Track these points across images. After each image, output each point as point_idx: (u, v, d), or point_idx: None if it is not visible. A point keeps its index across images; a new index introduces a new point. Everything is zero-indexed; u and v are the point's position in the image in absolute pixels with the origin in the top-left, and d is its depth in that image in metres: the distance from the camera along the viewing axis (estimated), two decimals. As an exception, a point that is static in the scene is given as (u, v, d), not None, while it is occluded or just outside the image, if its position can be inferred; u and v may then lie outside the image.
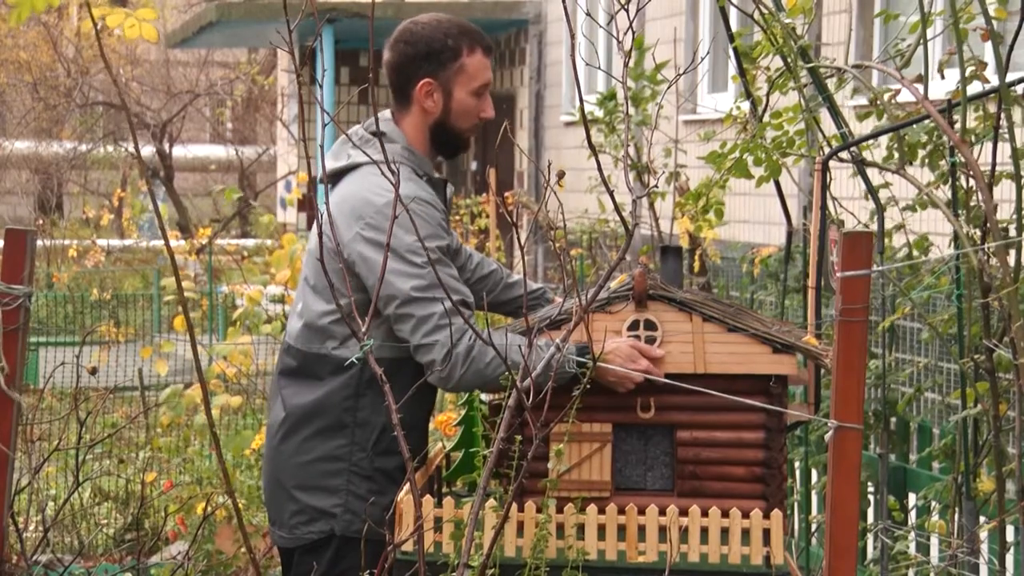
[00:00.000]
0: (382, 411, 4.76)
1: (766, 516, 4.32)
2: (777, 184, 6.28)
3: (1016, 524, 5.24)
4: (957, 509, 5.65)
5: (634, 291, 4.54)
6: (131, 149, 22.54)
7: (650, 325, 4.53)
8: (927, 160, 5.51)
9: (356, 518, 4.84)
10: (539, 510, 4.30)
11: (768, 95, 6.25)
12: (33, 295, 3.75)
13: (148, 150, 29.14)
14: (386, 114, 5.07)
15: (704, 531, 4.32)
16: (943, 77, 5.49)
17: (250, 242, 23.27)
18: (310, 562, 4.90)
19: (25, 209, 36.44)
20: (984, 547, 5.52)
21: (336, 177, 4.93)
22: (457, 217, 14.19)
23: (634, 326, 4.56)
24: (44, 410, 10.97)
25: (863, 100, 6.09)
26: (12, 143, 36.72)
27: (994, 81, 5.24)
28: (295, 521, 4.97)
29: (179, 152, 31.63)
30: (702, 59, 14.87)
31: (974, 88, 5.26)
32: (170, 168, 29.75)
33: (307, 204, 19.89)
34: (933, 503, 6.57)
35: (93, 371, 11.44)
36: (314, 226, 5.09)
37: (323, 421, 4.91)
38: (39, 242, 21.57)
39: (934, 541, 6.68)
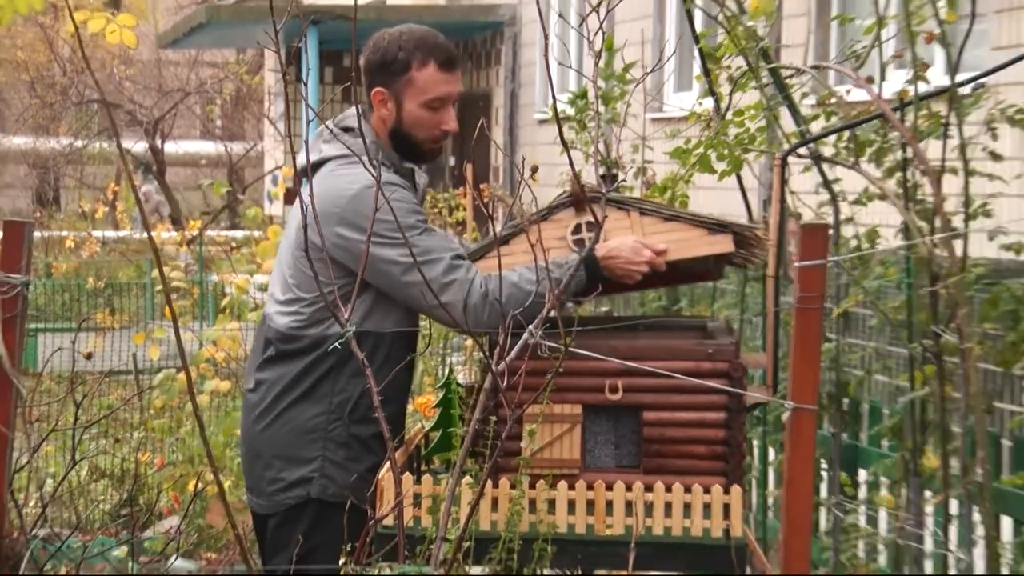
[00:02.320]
0: (358, 382, 4.80)
1: (726, 491, 4.35)
2: (739, 178, 6.31)
3: (960, 498, 5.28)
4: (904, 484, 5.69)
5: (572, 196, 4.69)
6: (124, 146, 22.50)
7: (592, 225, 4.64)
8: (875, 156, 5.54)
9: (331, 483, 4.89)
10: (513, 486, 4.32)
11: (731, 94, 6.28)
12: (31, 284, 3.76)
13: (141, 146, 29.13)
14: (351, 112, 5.07)
15: (668, 506, 4.35)
16: (884, 79, 5.51)
17: (238, 233, 23.24)
18: (288, 531, 4.93)
19: (24, 202, 36.36)
20: (929, 520, 5.56)
21: (312, 170, 4.95)
22: (435, 210, 14.19)
23: (577, 229, 4.72)
24: (43, 392, 10.96)
25: (815, 102, 6.11)
26: (11, 139, 36.68)
27: (937, 81, 5.28)
28: (273, 488, 4.99)
29: (171, 148, 31.57)
30: (668, 59, 14.90)
31: (921, 88, 5.29)
32: (162, 163, 29.73)
33: (291, 197, 19.97)
34: (882, 479, 6.62)
35: (89, 356, 11.44)
36: (291, 218, 5.15)
37: (301, 393, 4.94)
38: (37, 233, 21.57)
39: (883, 514, 6.72)
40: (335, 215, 4.71)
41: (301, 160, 4.89)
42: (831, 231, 4.95)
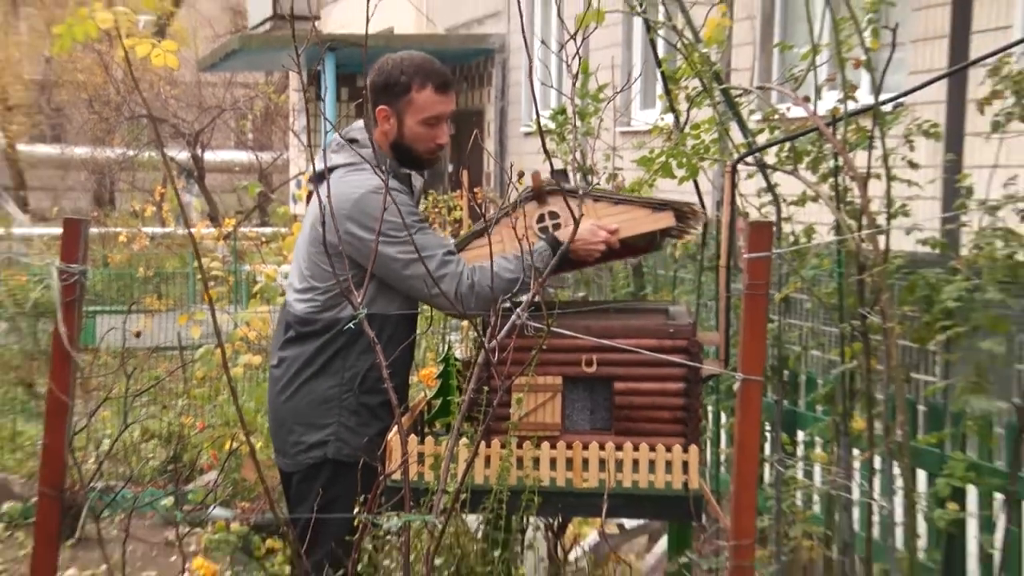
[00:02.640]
0: (367, 358, 4.86)
1: (685, 450, 4.34)
2: (695, 183, 6.29)
3: (882, 455, 5.27)
4: (836, 444, 5.67)
5: (534, 191, 4.75)
6: (169, 155, 22.41)
7: (553, 215, 4.76)
8: (811, 164, 5.54)
9: (345, 445, 4.91)
10: (503, 446, 4.31)
11: (688, 111, 6.26)
12: (87, 272, 3.74)
13: (184, 155, 29.07)
14: (359, 124, 5.14)
15: (635, 463, 4.34)
16: (819, 98, 5.50)
17: (268, 230, 23.20)
18: (309, 486, 4.96)
19: (84, 203, 36.35)
20: (856, 473, 5.55)
21: (322, 176, 4.95)
22: (436, 210, 14.16)
23: (541, 219, 4.77)
24: (99, 366, 10.89)
25: (760, 117, 6.10)
26: (72, 149, 36.67)
27: (864, 100, 5.27)
28: (295, 450, 5.01)
29: (209, 156, 31.50)
30: (634, 81, 14.89)
31: (849, 106, 5.29)
32: (202, 169, 29.66)
33: (311, 198, 19.90)
34: (816, 439, 6.62)
35: (138, 334, 11.45)
36: (307, 217, 5.16)
37: (317, 368, 4.95)
38: (95, 230, 21.59)
39: (817, 469, 6.72)
40: (343, 215, 4.70)
41: (306, 167, 4.92)
42: (774, 228, 4.94)
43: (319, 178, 4.97)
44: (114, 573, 3.93)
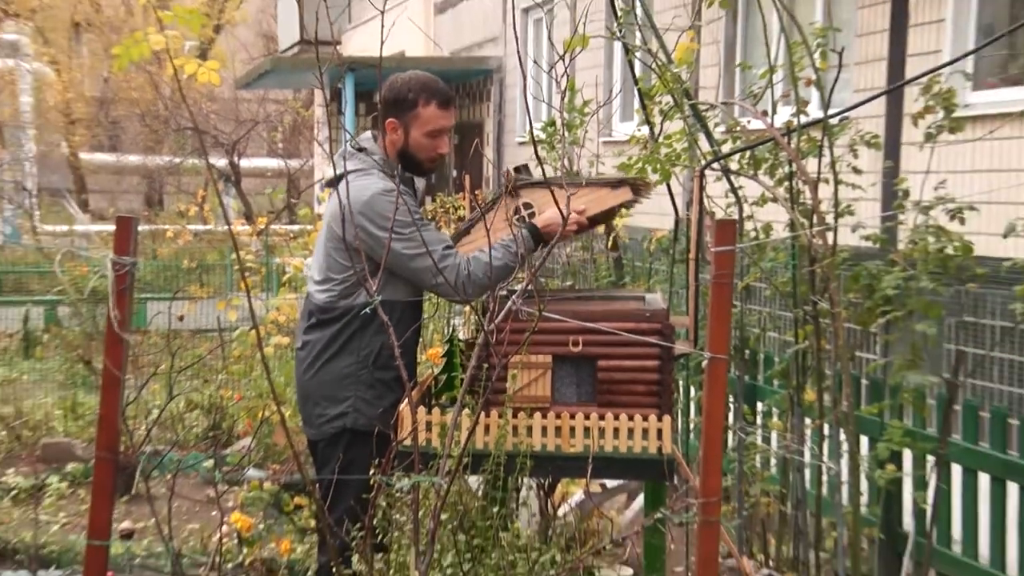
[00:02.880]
0: (379, 338, 4.86)
1: (659, 419, 4.34)
2: (668, 186, 6.29)
3: (830, 423, 5.27)
4: (790, 413, 5.67)
5: (507, 187, 4.85)
6: (209, 162, 22.42)
7: (528, 206, 4.84)
8: (769, 170, 5.54)
9: (361, 416, 4.90)
10: (500, 416, 4.30)
11: (662, 123, 6.26)
12: (138, 264, 3.73)
13: (223, 162, 29.05)
14: (366, 135, 5.16)
15: (616, 430, 4.34)
16: (775, 112, 5.51)
17: (295, 227, 23.22)
18: (331, 452, 4.96)
19: (136, 204, 36.38)
20: (808, 439, 5.55)
21: (336, 181, 4.97)
22: (442, 209, 14.18)
23: (517, 211, 4.84)
24: (149, 345, 10.93)
25: (724, 129, 6.11)
26: (127, 157, 36.67)
27: (814, 115, 5.27)
28: (320, 421, 5.01)
29: (245, 163, 31.40)
30: (615, 97, 14.87)
31: (802, 119, 5.29)
32: (238, 175, 29.58)
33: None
34: (773, 409, 6.61)
35: (181, 318, 11.43)
36: (324, 217, 5.17)
37: (336, 349, 4.95)
38: (146, 227, 21.56)
39: (774, 435, 6.72)
40: (356, 214, 4.71)
41: (327, 172, 4.94)
42: (737, 226, 4.93)
43: (333, 183, 5.00)
44: (162, 525, 3.91)
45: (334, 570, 3.76)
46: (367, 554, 3.55)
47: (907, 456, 6.13)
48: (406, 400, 4.24)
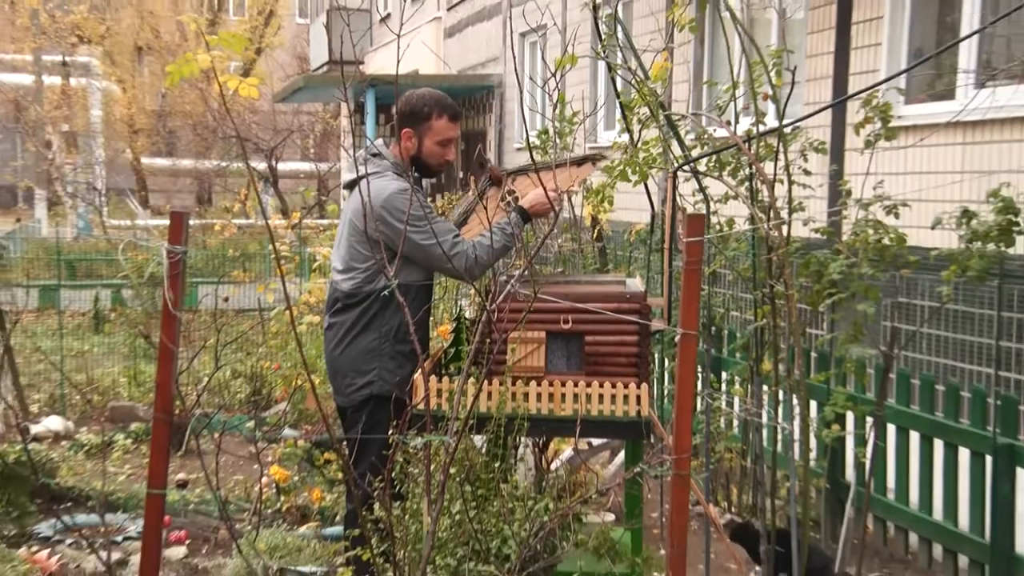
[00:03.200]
0: (397, 316, 4.83)
1: (638, 387, 4.31)
2: (646, 186, 6.26)
3: (784, 390, 5.24)
4: (750, 382, 5.65)
5: (492, 178, 5.00)
6: (250, 165, 22.39)
7: (511, 192, 4.96)
8: (732, 171, 5.51)
9: (385, 383, 4.87)
10: (501, 384, 4.28)
11: (640, 131, 6.23)
12: (189, 252, 3.70)
13: (262, 165, 29.03)
14: (379, 142, 5.15)
15: (600, 396, 4.31)
16: (737, 122, 5.48)
17: (324, 221, 23.24)
18: (357, 416, 4.94)
19: (189, 201, 36.38)
20: (765, 403, 5.53)
21: (354, 183, 4.99)
22: (451, 206, 14.12)
23: (503, 197, 4.95)
24: (199, 323, 10.91)
25: (694, 136, 6.07)
26: (181, 161, 36.71)
27: (771, 124, 5.23)
28: (349, 390, 4.97)
29: (281, 166, 31.39)
30: (599, 109, 14.83)
31: (760, 128, 5.26)
32: (276, 176, 29.56)
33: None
34: (736, 378, 6.59)
35: (226, 299, 11.40)
36: (344, 215, 5.14)
37: (362, 327, 4.92)
38: (196, 221, 21.46)
39: (736, 400, 6.70)
40: (377, 210, 4.71)
41: (347, 176, 4.94)
42: (705, 219, 4.90)
43: (352, 185, 5.02)
44: (210, 477, 3.89)
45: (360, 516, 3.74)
46: (387, 502, 3.53)
47: (850, 417, 6.12)
48: (419, 370, 4.23)
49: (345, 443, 5.04)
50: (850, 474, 6.32)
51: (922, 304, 8.08)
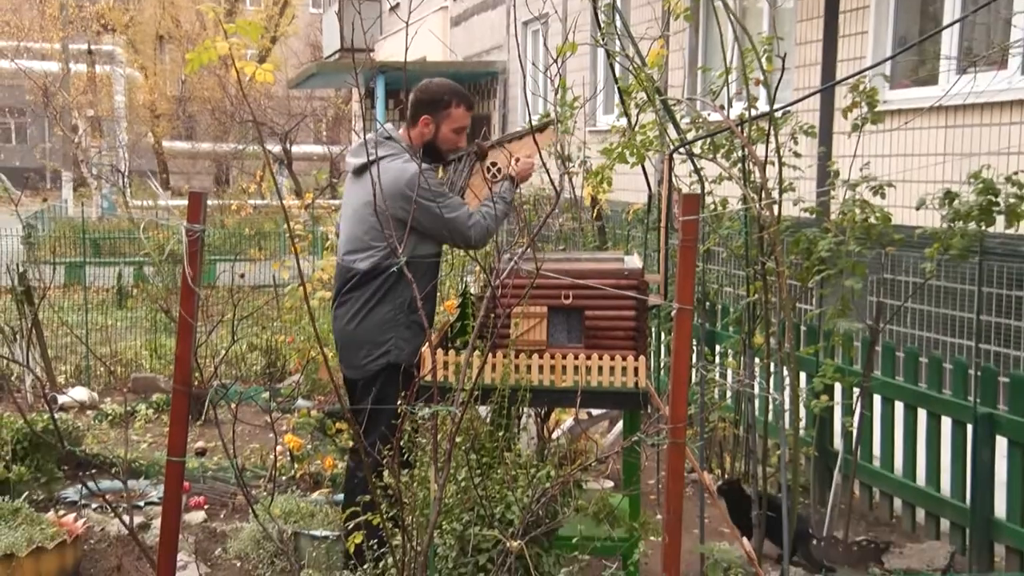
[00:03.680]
0: (409, 290, 4.78)
1: (636, 359, 4.29)
2: (643, 167, 6.24)
3: (775, 362, 5.23)
4: (743, 354, 5.63)
5: (479, 152, 5.13)
6: (266, 148, 22.37)
7: (494, 164, 5.10)
8: (726, 154, 5.48)
9: (401, 352, 4.85)
10: (504, 357, 4.25)
11: (637, 115, 6.20)
12: (207, 231, 3.68)
13: (277, 148, 29.00)
14: (389, 126, 5.14)
15: (600, 368, 4.28)
16: (731, 106, 5.44)
17: (336, 202, 23.17)
18: (371, 385, 4.90)
19: (207, 183, 36.33)
20: (757, 375, 5.52)
21: (363, 166, 5.00)
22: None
23: (488, 168, 5.10)
24: (217, 298, 10.90)
25: (689, 120, 6.04)
26: (200, 144, 36.70)
27: (763, 108, 5.20)
28: (366, 361, 4.92)
29: (295, 149, 31.30)
30: (598, 93, 14.78)
31: (752, 112, 5.22)
32: (290, 158, 29.49)
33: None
34: (729, 351, 6.57)
35: (242, 276, 11.36)
36: (356, 197, 5.05)
37: (378, 300, 4.89)
38: (214, 201, 21.43)
39: (729, 372, 6.69)
40: (400, 188, 4.72)
41: (358, 159, 4.92)
42: (700, 199, 4.87)
43: (364, 168, 4.99)
44: (228, 445, 3.87)
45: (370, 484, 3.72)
46: (396, 470, 3.51)
47: (837, 388, 6.10)
48: (427, 344, 4.22)
49: (355, 414, 5.02)
50: (838, 442, 6.31)
51: (906, 280, 8.06)
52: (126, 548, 5.78)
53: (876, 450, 6.35)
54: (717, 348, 7.06)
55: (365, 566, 4.05)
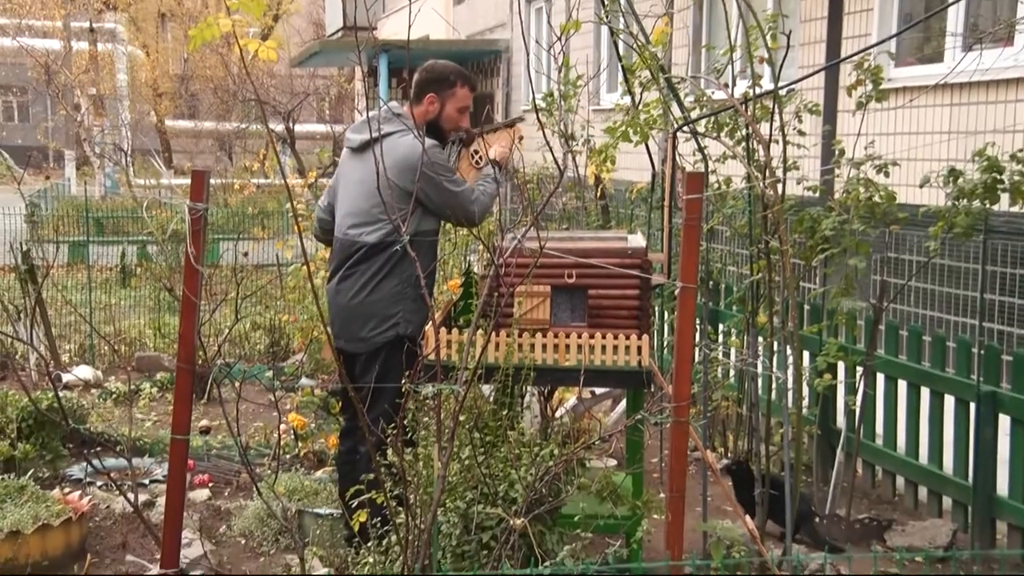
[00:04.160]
0: (413, 265, 4.79)
1: (639, 338, 4.29)
2: (647, 146, 6.23)
3: (778, 341, 5.25)
4: (746, 333, 5.63)
5: (467, 139, 5.24)
6: (269, 127, 22.33)
7: (476, 152, 5.25)
8: (730, 132, 5.47)
9: (409, 324, 4.86)
10: (508, 336, 4.26)
11: (641, 93, 6.19)
12: (210, 209, 3.68)
13: (280, 127, 28.98)
14: (395, 103, 5.19)
15: (603, 347, 4.29)
16: (735, 84, 5.44)
17: (340, 180, 23.14)
18: (373, 360, 4.90)
19: (210, 161, 36.28)
20: (760, 354, 5.52)
21: (367, 143, 5.02)
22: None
23: (473, 154, 5.25)
24: (220, 277, 10.91)
25: (693, 98, 6.03)
26: (203, 123, 36.64)
27: (767, 87, 5.20)
28: (372, 335, 4.89)
29: (298, 128, 31.25)
30: (602, 72, 14.74)
31: (756, 90, 5.22)
32: (293, 137, 29.47)
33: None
34: (732, 330, 6.58)
35: (246, 254, 11.38)
36: (361, 172, 5.04)
37: (385, 274, 4.89)
38: (217, 180, 21.39)
39: (733, 351, 6.69)
40: (413, 164, 4.68)
41: (360, 136, 4.95)
42: (703, 178, 4.87)
43: (369, 144, 4.99)
44: (232, 423, 3.89)
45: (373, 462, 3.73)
46: (400, 448, 3.52)
47: (840, 367, 6.11)
48: (430, 322, 4.23)
49: (358, 390, 5.02)
50: (841, 421, 6.32)
51: (910, 259, 8.06)
52: (131, 525, 5.80)
53: (879, 428, 6.36)
54: (720, 327, 7.07)
55: (369, 543, 4.07)
